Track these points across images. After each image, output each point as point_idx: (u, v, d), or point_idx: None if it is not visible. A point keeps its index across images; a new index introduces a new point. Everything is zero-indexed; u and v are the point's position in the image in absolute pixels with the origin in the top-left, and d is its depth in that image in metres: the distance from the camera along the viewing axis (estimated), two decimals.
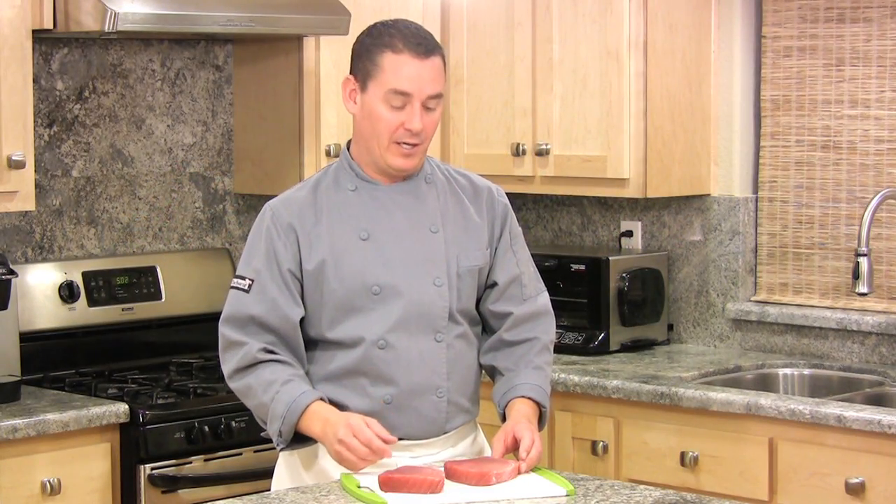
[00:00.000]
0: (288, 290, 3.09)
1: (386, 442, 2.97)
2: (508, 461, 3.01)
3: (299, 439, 3.07)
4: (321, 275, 3.09)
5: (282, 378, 3.06)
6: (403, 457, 3.09)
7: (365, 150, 3.15)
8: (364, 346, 3.09)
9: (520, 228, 3.32)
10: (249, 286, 3.10)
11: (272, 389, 3.04)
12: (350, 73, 3.14)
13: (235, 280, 3.13)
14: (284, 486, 3.15)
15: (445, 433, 3.16)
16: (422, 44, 3.08)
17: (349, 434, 2.95)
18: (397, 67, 3.06)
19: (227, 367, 3.12)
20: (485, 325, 3.28)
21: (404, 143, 3.09)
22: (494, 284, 3.24)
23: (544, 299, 3.32)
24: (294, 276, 3.11)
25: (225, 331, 3.12)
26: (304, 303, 3.12)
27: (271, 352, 3.08)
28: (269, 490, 3.12)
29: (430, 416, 3.12)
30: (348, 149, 3.20)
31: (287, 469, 3.20)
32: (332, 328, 3.11)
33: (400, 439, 3.10)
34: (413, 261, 3.12)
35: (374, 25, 3.15)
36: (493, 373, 3.27)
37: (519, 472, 3.00)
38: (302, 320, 3.12)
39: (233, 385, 3.12)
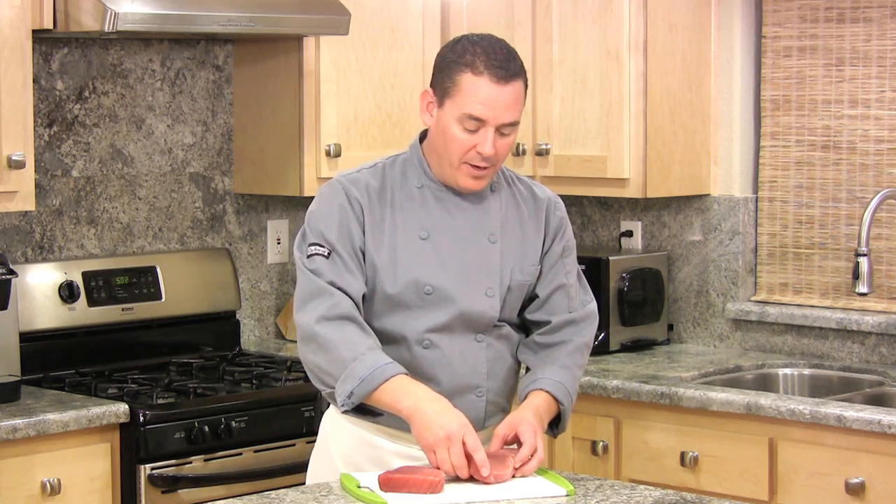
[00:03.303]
0: (359, 267, 3.08)
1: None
2: (509, 462, 3.01)
3: (362, 410, 3.03)
4: (376, 266, 3.09)
5: (368, 343, 3.02)
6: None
7: (436, 160, 3.14)
8: (408, 344, 3.10)
9: (574, 241, 3.30)
10: (329, 254, 3.07)
11: (356, 349, 2.99)
12: (430, 85, 3.11)
13: (314, 247, 3.08)
14: (318, 480, 3.15)
15: (480, 431, 3.14)
16: (503, 67, 3.02)
17: (458, 445, 2.91)
18: (475, 90, 3.01)
19: (312, 312, 3.04)
20: (526, 332, 3.27)
21: (474, 165, 3.07)
22: (536, 297, 3.23)
23: (590, 308, 3.29)
24: (363, 253, 3.09)
25: (313, 277, 3.06)
26: None
27: (359, 314, 3.06)
28: (270, 490, 3.11)
29: (469, 415, 3.05)
30: (420, 143, 3.18)
31: (324, 464, 3.20)
32: (376, 319, 3.11)
33: None
34: (468, 268, 3.12)
35: (460, 40, 3.10)
36: (526, 370, 3.27)
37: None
38: None
39: (313, 329, 3.02)
